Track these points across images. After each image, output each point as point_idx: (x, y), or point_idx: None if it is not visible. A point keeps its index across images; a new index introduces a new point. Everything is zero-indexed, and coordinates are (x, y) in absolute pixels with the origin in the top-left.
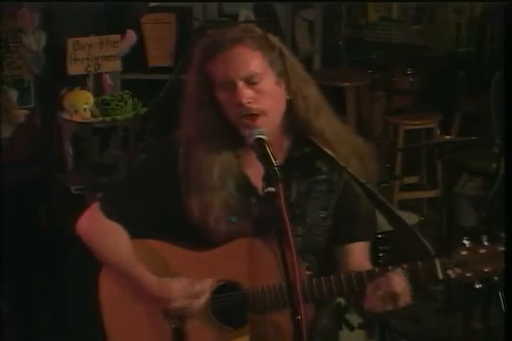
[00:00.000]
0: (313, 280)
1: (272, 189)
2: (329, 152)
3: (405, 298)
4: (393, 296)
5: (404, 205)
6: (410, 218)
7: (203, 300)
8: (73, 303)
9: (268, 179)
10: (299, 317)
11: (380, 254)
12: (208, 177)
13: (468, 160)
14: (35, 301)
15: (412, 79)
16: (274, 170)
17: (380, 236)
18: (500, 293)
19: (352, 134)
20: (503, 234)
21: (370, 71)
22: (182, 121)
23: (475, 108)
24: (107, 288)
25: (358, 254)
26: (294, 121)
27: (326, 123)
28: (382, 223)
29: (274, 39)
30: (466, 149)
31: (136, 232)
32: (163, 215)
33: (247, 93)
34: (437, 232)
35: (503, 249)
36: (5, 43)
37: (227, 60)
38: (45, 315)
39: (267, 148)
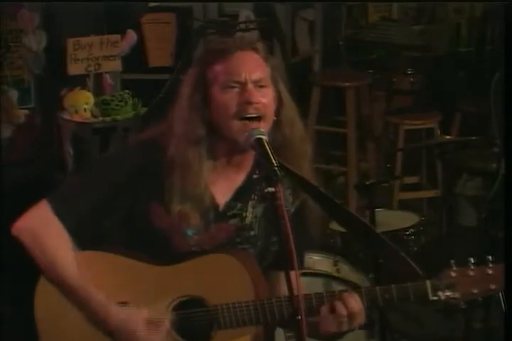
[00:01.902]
0: (266, 301)
1: (271, 189)
2: (292, 168)
3: (361, 319)
4: (351, 317)
5: (404, 205)
6: (410, 218)
7: (164, 329)
8: None
9: (268, 179)
10: (299, 317)
11: (381, 260)
12: (193, 187)
13: (468, 160)
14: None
15: (412, 79)
16: (274, 170)
17: None
18: (500, 293)
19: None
20: (489, 257)
21: (370, 71)
22: (174, 121)
23: (475, 108)
24: (45, 298)
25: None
26: (277, 145)
27: (308, 152)
28: (383, 222)
29: (274, 60)
30: (466, 149)
31: (89, 243)
32: (123, 221)
33: (256, 94)
34: (437, 232)
35: (490, 271)
36: (5, 43)
37: (240, 61)
38: None
39: (267, 148)
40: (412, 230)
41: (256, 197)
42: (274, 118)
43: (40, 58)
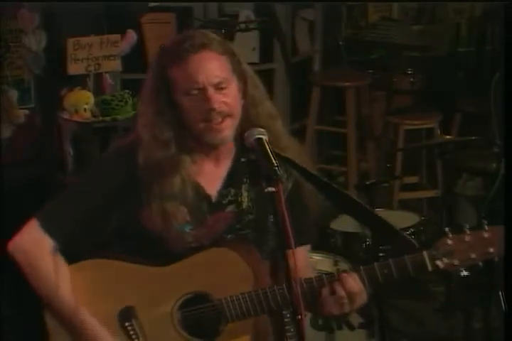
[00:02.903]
0: (268, 290)
1: (271, 189)
2: (280, 152)
3: (362, 299)
4: (351, 298)
5: (405, 205)
6: (410, 218)
7: None
8: None
9: (268, 179)
10: (299, 317)
11: (381, 254)
12: (169, 185)
13: (469, 160)
14: (35, 301)
15: (412, 79)
16: (275, 169)
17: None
18: (500, 293)
19: (296, 143)
20: (484, 221)
21: (370, 71)
22: (141, 126)
23: (475, 108)
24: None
25: (301, 259)
26: (246, 127)
27: (281, 130)
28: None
29: (231, 45)
30: (466, 149)
31: (87, 252)
32: (117, 230)
33: (217, 98)
34: (437, 232)
35: (486, 235)
36: (5, 43)
37: (195, 66)
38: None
39: (267, 148)
40: (412, 230)
41: (248, 181)
42: (242, 100)
43: (40, 58)
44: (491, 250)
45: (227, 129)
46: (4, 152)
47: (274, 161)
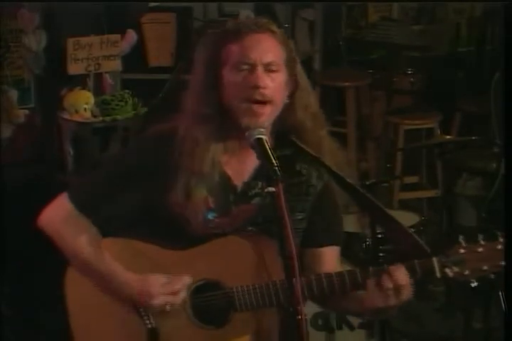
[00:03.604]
0: (312, 277)
1: (271, 189)
2: (313, 152)
3: (408, 293)
4: (398, 291)
5: (405, 205)
6: (410, 218)
7: (182, 297)
8: None
9: (268, 179)
10: (299, 317)
11: (381, 254)
12: (199, 162)
13: (469, 160)
14: (35, 301)
15: (412, 79)
16: (275, 169)
17: (380, 235)
18: (500, 293)
19: (337, 149)
20: (499, 233)
21: (370, 71)
22: (187, 98)
23: (475, 108)
24: (74, 287)
25: (330, 259)
26: (289, 128)
27: (324, 136)
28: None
29: (291, 43)
30: (466, 149)
31: (110, 230)
32: (142, 210)
33: (264, 78)
34: (437, 232)
35: (500, 246)
36: (5, 43)
37: (252, 42)
38: (45, 315)
39: (267, 148)
40: (412, 230)
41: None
42: (287, 101)
43: (40, 58)
44: (503, 263)
45: (265, 115)
46: (4, 152)
47: (274, 161)
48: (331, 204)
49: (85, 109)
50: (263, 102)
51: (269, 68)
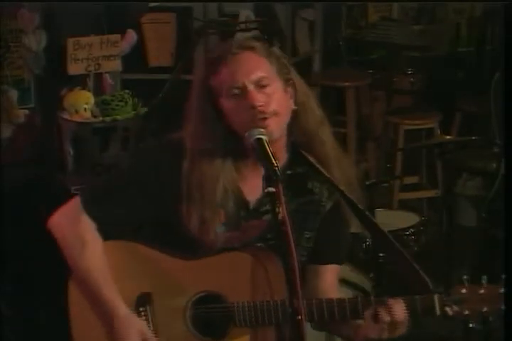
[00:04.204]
0: (313, 301)
1: (271, 189)
2: (324, 172)
3: (403, 328)
4: (393, 325)
5: (405, 205)
6: (410, 218)
7: None
8: None
9: (268, 179)
10: (299, 317)
11: (380, 254)
12: (211, 193)
13: (469, 160)
14: (35, 301)
15: (412, 79)
16: (274, 170)
17: None
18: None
19: (347, 158)
20: (503, 276)
21: (370, 71)
22: (186, 135)
23: (475, 108)
24: (76, 293)
25: (330, 277)
26: (296, 134)
27: (328, 137)
28: (383, 222)
29: (278, 51)
30: (466, 149)
31: (118, 234)
32: (151, 219)
33: (258, 96)
34: (437, 232)
35: (502, 290)
36: (5, 43)
37: (235, 65)
38: (45, 315)
39: (267, 148)
40: (412, 230)
41: (290, 193)
42: (294, 107)
43: (40, 58)
44: (503, 307)
45: (271, 126)
46: (4, 152)
47: (274, 161)
48: (339, 223)
49: (85, 109)
50: (265, 118)
51: (260, 84)
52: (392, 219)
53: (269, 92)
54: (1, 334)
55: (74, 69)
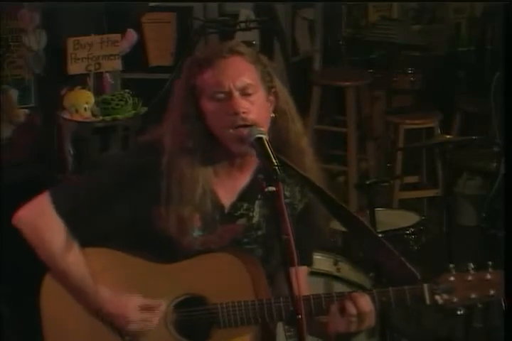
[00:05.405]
0: (281, 299)
1: (272, 188)
2: (297, 169)
3: (371, 320)
4: (361, 318)
5: (405, 205)
6: (410, 217)
7: (157, 320)
8: None
9: (268, 178)
10: (299, 316)
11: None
12: (190, 192)
13: (469, 160)
14: (35, 301)
15: (412, 79)
16: (275, 169)
17: (380, 235)
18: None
19: (322, 173)
20: (490, 262)
21: (371, 70)
22: (166, 132)
23: (475, 108)
24: (50, 296)
25: (301, 279)
26: (275, 141)
27: (307, 148)
28: (383, 221)
29: (264, 58)
30: (467, 149)
31: (90, 239)
32: (126, 222)
33: (242, 103)
34: (437, 232)
35: (489, 276)
36: (5, 43)
37: (223, 69)
38: None
39: (267, 148)
40: (412, 229)
41: (262, 197)
42: (273, 115)
43: (41, 58)
44: (492, 292)
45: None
46: (4, 152)
47: (274, 161)
48: (309, 226)
49: (85, 108)
50: (246, 126)
51: (245, 92)
52: (392, 219)
53: (254, 100)
54: (1, 334)
55: (74, 68)
